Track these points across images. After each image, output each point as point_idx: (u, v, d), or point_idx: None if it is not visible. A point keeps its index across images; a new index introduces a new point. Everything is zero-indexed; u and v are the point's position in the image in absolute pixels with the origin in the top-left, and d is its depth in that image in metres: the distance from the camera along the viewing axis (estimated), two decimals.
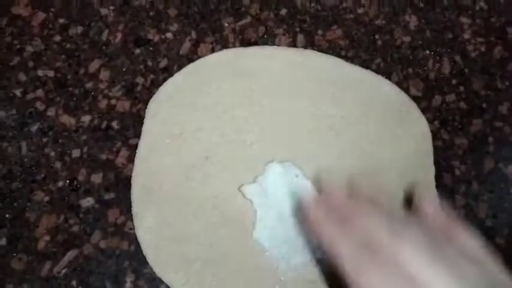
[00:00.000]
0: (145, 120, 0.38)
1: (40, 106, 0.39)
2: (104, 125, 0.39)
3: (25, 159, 0.37)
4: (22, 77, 0.40)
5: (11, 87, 0.39)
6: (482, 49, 0.44)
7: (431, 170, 0.39)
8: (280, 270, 0.35)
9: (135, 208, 0.36)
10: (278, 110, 0.39)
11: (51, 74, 0.40)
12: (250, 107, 0.39)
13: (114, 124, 0.39)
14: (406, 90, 0.41)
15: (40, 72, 0.40)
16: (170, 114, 0.39)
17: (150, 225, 0.35)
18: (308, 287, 0.35)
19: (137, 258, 0.35)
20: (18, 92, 0.39)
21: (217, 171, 0.37)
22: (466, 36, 0.45)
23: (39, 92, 0.39)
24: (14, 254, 0.35)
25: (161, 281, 0.34)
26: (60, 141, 0.38)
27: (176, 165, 0.37)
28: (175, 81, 0.40)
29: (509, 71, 0.43)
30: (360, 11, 0.44)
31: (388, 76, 0.42)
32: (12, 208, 0.36)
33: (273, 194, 0.36)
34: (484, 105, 0.42)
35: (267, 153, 0.38)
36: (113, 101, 0.39)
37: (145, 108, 0.39)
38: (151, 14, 0.42)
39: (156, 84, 0.40)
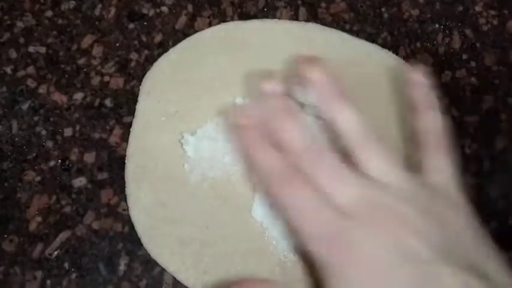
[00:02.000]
0: (140, 98, 0.37)
1: (31, 83, 0.38)
2: (96, 102, 0.37)
3: (16, 138, 0.36)
4: (13, 53, 0.38)
5: (1, 65, 0.38)
6: (495, 22, 0.42)
7: None
8: (280, 250, 0.33)
9: (129, 188, 0.35)
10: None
11: (42, 50, 0.39)
12: (250, 82, 0.37)
13: (108, 102, 0.37)
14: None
15: (31, 49, 0.39)
16: (165, 91, 0.37)
17: (144, 205, 0.34)
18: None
19: (131, 240, 0.34)
20: (8, 70, 0.38)
21: (214, 150, 0.35)
22: (478, 8, 0.42)
23: (30, 69, 0.38)
24: (5, 236, 0.34)
25: (156, 263, 0.33)
26: (51, 119, 0.37)
27: (172, 143, 0.36)
28: (170, 57, 0.38)
29: None
30: None
31: (395, 51, 0.40)
32: (3, 188, 0.35)
33: None
34: (496, 81, 0.40)
35: None
36: (106, 78, 0.38)
37: (140, 85, 0.37)
38: None
39: (151, 61, 0.38)
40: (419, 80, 0.34)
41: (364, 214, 0.27)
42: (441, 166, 0.31)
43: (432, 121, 0.32)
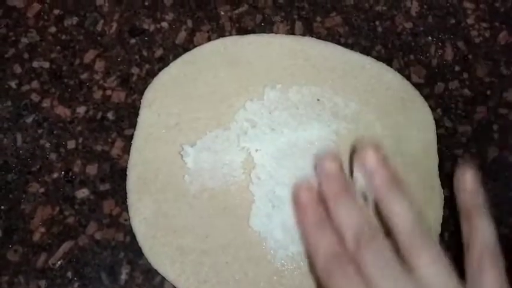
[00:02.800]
0: (141, 111, 0.38)
1: (35, 98, 0.39)
2: (99, 115, 0.38)
3: (20, 151, 0.37)
4: (17, 68, 0.40)
5: (6, 79, 0.39)
6: (487, 35, 0.43)
7: (435, 159, 0.38)
8: (278, 259, 0.34)
9: (131, 199, 0.35)
10: (277, 98, 0.38)
11: (46, 65, 0.40)
12: (248, 96, 0.38)
13: (110, 115, 0.38)
14: (408, 77, 0.40)
15: (35, 64, 0.40)
16: (166, 104, 0.38)
17: (146, 216, 0.35)
18: (306, 277, 0.34)
19: (132, 250, 0.35)
20: (13, 84, 0.39)
21: (213, 162, 0.36)
22: (470, 21, 0.43)
23: (35, 84, 0.39)
24: (10, 246, 0.35)
25: (157, 272, 0.34)
26: (55, 132, 0.38)
27: (172, 155, 0.36)
28: (170, 70, 0.39)
29: None
30: None
31: (389, 63, 0.41)
32: (8, 200, 0.36)
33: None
34: (488, 92, 0.41)
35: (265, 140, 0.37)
36: (108, 92, 0.39)
37: (141, 98, 0.38)
38: (146, 3, 0.42)
39: (152, 74, 0.39)
40: (470, 184, 0.33)
41: None
42: (488, 280, 0.29)
43: (482, 227, 0.31)
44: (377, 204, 0.32)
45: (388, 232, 0.31)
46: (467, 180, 0.32)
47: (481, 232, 0.31)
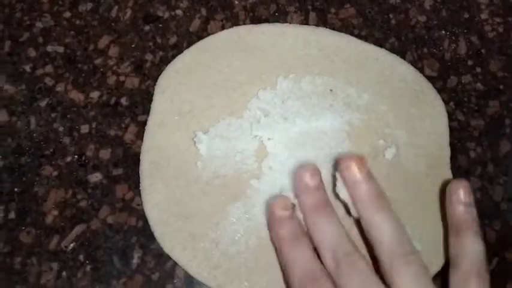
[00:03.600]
0: (154, 97, 0.38)
1: (49, 82, 0.39)
2: (112, 101, 0.38)
3: (34, 134, 0.37)
4: (32, 52, 0.40)
5: (21, 63, 0.39)
6: (500, 30, 0.43)
7: (447, 151, 0.38)
8: None
9: (143, 184, 0.36)
10: (290, 88, 0.38)
11: (60, 50, 0.40)
12: (261, 85, 0.38)
13: (123, 100, 0.38)
14: (421, 70, 0.40)
15: (49, 48, 0.40)
16: (179, 91, 0.38)
17: (158, 201, 0.35)
18: None
19: (145, 234, 0.35)
20: (27, 68, 0.39)
21: (226, 149, 0.36)
22: (484, 16, 0.43)
23: (49, 68, 0.39)
24: (23, 228, 0.35)
25: (169, 257, 0.34)
26: (68, 116, 0.38)
27: (185, 141, 0.37)
28: (184, 58, 0.39)
29: None
30: None
31: (403, 55, 0.41)
32: (21, 182, 0.36)
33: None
34: (501, 87, 0.41)
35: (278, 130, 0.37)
36: (122, 78, 0.39)
37: (154, 85, 0.38)
38: None
39: (165, 61, 0.39)
40: (465, 200, 0.33)
41: None
42: None
43: (472, 245, 0.31)
44: (359, 218, 0.32)
45: (370, 247, 0.32)
46: (461, 193, 0.33)
47: (470, 250, 0.31)
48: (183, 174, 0.36)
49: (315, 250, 0.31)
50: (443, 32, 0.42)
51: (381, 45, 0.41)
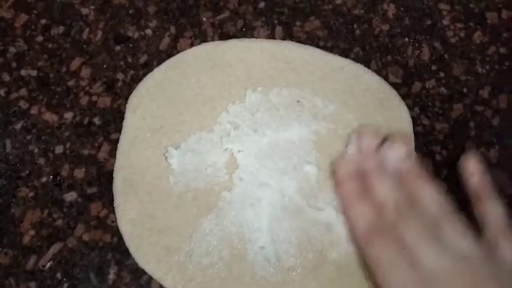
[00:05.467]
0: (126, 115, 0.39)
1: (24, 105, 0.40)
2: (85, 121, 0.39)
3: (10, 157, 0.38)
4: (6, 77, 0.41)
5: None
6: (462, 34, 0.44)
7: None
8: (261, 256, 0.35)
9: (117, 201, 0.36)
10: (258, 101, 0.39)
11: (34, 73, 0.41)
12: (230, 99, 0.39)
13: (96, 120, 0.39)
14: (385, 78, 0.42)
15: (23, 72, 0.41)
16: (150, 108, 0.39)
17: (132, 217, 0.36)
18: (287, 274, 0.35)
19: (120, 250, 0.36)
20: (2, 92, 0.40)
21: (197, 163, 0.37)
22: (445, 22, 0.45)
23: (23, 91, 0.40)
24: (0, 249, 0.35)
25: (144, 272, 0.35)
26: (43, 138, 0.39)
27: (157, 157, 0.38)
28: (154, 75, 0.40)
29: (489, 55, 0.43)
30: (338, 1, 0.45)
31: (367, 64, 0.42)
32: None
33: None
34: (465, 90, 0.42)
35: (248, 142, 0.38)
36: (94, 98, 0.40)
37: (126, 103, 0.39)
38: (130, 11, 0.43)
39: (137, 80, 0.41)
40: (476, 169, 0.35)
41: (445, 277, 0.29)
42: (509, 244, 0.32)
43: (495, 209, 0.33)
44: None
45: None
46: (472, 165, 0.35)
47: (492, 213, 0.33)
48: (155, 189, 0.37)
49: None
50: (407, 39, 0.44)
51: (346, 56, 0.42)
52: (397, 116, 0.40)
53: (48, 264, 0.35)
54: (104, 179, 0.37)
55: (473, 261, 0.30)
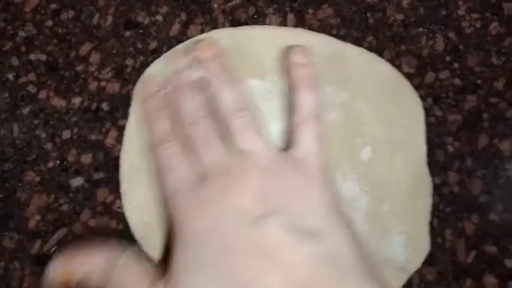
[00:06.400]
0: (133, 102, 0.39)
1: (32, 89, 0.40)
2: (93, 106, 0.39)
3: (17, 141, 0.38)
4: (15, 61, 0.41)
5: (4, 72, 0.40)
6: (478, 25, 0.43)
7: (423, 148, 0.38)
8: None
9: (123, 187, 0.36)
10: (268, 88, 0.39)
11: (43, 57, 0.41)
12: (239, 86, 0.39)
13: (104, 105, 0.39)
14: (398, 68, 0.41)
15: (32, 56, 0.41)
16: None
17: (138, 203, 0.36)
18: None
19: (126, 236, 0.35)
20: (10, 76, 0.40)
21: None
22: (461, 12, 0.44)
23: (31, 76, 0.40)
24: (6, 233, 0.35)
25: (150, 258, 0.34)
26: (51, 122, 0.38)
27: None
28: (161, 62, 0.40)
29: (505, 46, 0.42)
30: None
31: (380, 54, 0.41)
32: (4, 188, 0.37)
33: None
34: (479, 82, 0.41)
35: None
36: (103, 83, 0.40)
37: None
38: None
39: (146, 66, 0.40)
40: (299, 61, 0.36)
41: (217, 176, 0.30)
42: (306, 141, 0.33)
43: (304, 99, 0.35)
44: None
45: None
46: (292, 58, 0.36)
47: (302, 101, 0.34)
48: None
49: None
50: (421, 29, 0.43)
51: (359, 44, 0.41)
52: (410, 107, 0.39)
53: (53, 249, 0.35)
54: (111, 164, 0.37)
55: (253, 154, 0.31)
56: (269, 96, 0.39)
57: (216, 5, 0.43)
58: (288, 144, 0.34)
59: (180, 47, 0.38)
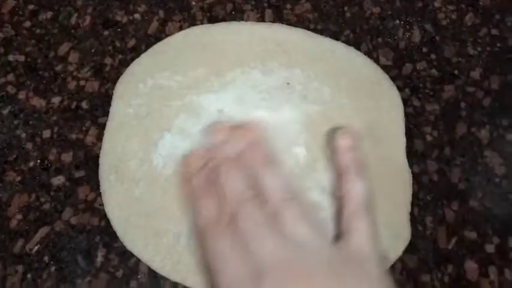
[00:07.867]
0: (113, 102, 0.39)
1: (11, 90, 0.40)
2: (73, 105, 0.39)
3: None
4: None
5: None
6: (453, 17, 0.44)
7: (402, 140, 0.38)
8: None
9: (103, 187, 0.36)
10: (248, 82, 0.39)
11: (21, 58, 0.41)
12: (218, 80, 0.39)
13: (84, 104, 0.39)
14: (376, 60, 0.41)
15: (11, 57, 0.41)
16: (137, 94, 0.39)
17: (119, 202, 0.36)
18: None
19: (108, 233, 0.35)
20: None
21: (185, 146, 0.37)
22: (437, 4, 0.44)
23: (10, 77, 0.40)
24: None
25: (132, 254, 0.35)
26: (31, 122, 0.38)
27: (144, 142, 0.37)
28: (141, 61, 0.40)
29: (480, 37, 0.43)
30: None
31: (358, 47, 0.42)
32: None
33: None
34: (456, 72, 0.42)
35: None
36: (82, 82, 0.40)
37: (114, 87, 0.39)
38: None
39: (125, 64, 0.40)
40: (346, 145, 0.35)
41: (277, 271, 0.28)
42: (360, 238, 0.31)
43: (355, 187, 0.33)
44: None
45: None
46: (339, 141, 0.35)
47: (354, 189, 0.33)
48: (143, 174, 0.36)
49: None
50: (398, 21, 0.43)
51: (336, 38, 0.42)
52: (388, 100, 0.40)
53: (36, 247, 0.35)
54: (92, 162, 0.37)
55: (309, 248, 0.29)
56: (250, 89, 0.39)
57: (194, 2, 0.43)
58: (339, 232, 0.32)
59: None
